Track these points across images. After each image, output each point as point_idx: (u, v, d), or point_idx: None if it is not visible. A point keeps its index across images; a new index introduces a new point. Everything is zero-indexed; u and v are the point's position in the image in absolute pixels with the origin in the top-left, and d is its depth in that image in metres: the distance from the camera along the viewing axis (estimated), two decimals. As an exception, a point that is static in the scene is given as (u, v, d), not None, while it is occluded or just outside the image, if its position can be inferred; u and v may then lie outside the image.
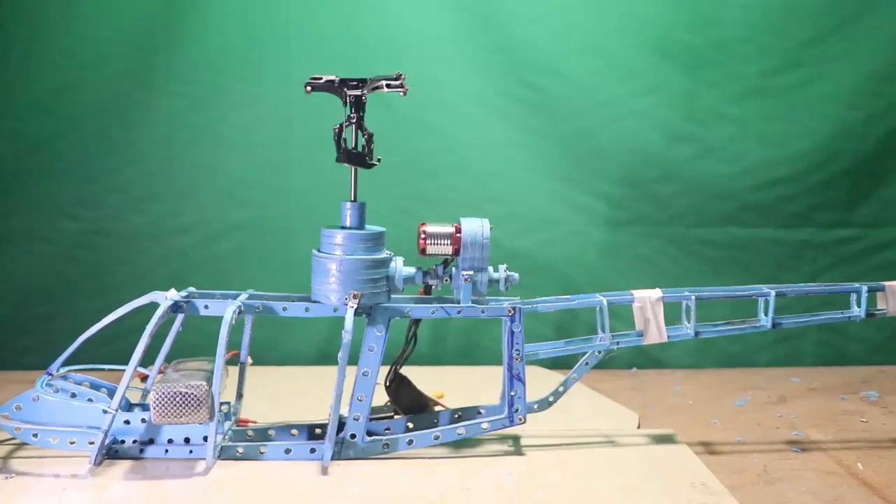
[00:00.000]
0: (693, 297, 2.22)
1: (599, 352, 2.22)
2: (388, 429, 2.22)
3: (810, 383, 2.94)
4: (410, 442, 2.14)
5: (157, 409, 1.96)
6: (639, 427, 2.43)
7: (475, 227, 2.12)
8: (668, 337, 2.23)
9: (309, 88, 2.10)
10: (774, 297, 2.23)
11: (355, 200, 2.13)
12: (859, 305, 2.27)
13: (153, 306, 2.07)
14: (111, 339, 2.41)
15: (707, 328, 2.26)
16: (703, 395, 2.81)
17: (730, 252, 3.15)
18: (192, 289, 2.17)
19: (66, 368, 2.19)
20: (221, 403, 2.12)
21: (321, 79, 2.10)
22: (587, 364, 2.23)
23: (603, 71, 3.06)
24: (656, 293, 2.23)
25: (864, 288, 2.27)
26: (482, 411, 2.26)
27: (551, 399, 2.27)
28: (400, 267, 2.13)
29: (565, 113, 3.06)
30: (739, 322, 2.28)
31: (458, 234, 2.11)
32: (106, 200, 3.01)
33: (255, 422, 2.29)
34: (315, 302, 2.11)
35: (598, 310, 2.20)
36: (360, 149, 2.10)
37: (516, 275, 2.16)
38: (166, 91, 2.97)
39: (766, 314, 2.26)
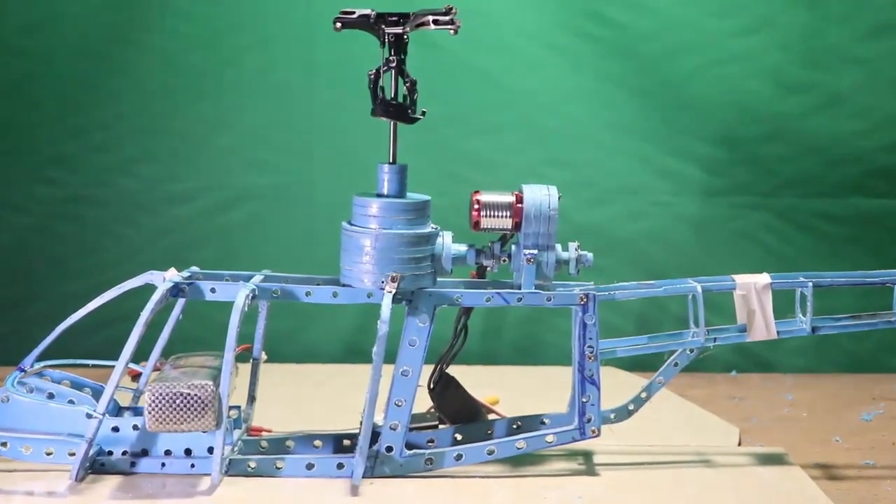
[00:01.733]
0: (809, 284, 2.21)
1: (691, 350, 2.22)
2: (431, 441, 2.23)
3: (959, 393, 3.05)
4: (459, 457, 2.15)
5: (152, 413, 1.97)
6: (739, 444, 2.43)
7: (540, 195, 2.12)
8: (778, 333, 2.22)
9: (339, 25, 2.11)
10: (914, 284, 2.30)
11: (394, 163, 2.14)
12: None
13: (148, 289, 2.08)
14: (97, 328, 2.44)
15: (827, 323, 2.26)
16: (820, 406, 2.80)
17: (855, 228, 3.13)
18: (195, 268, 2.20)
19: (43, 364, 2.21)
20: (230, 408, 2.11)
21: (353, 13, 2.12)
22: (676, 365, 2.24)
23: (697, 2, 3.02)
24: (763, 279, 2.22)
25: None
26: (546, 421, 2.28)
27: (631, 407, 2.28)
28: (448, 244, 2.14)
29: (650, 55, 3.04)
30: (868, 316, 2.28)
31: (519, 205, 2.12)
32: (90, 161, 3.03)
33: (270, 431, 2.31)
34: (345, 286, 2.12)
35: (690, 298, 2.20)
36: (400, 100, 2.11)
37: (590, 255, 2.17)
38: (163, 29, 2.98)
39: (902, 306, 2.35)
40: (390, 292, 2.07)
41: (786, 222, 3.13)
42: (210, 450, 2.10)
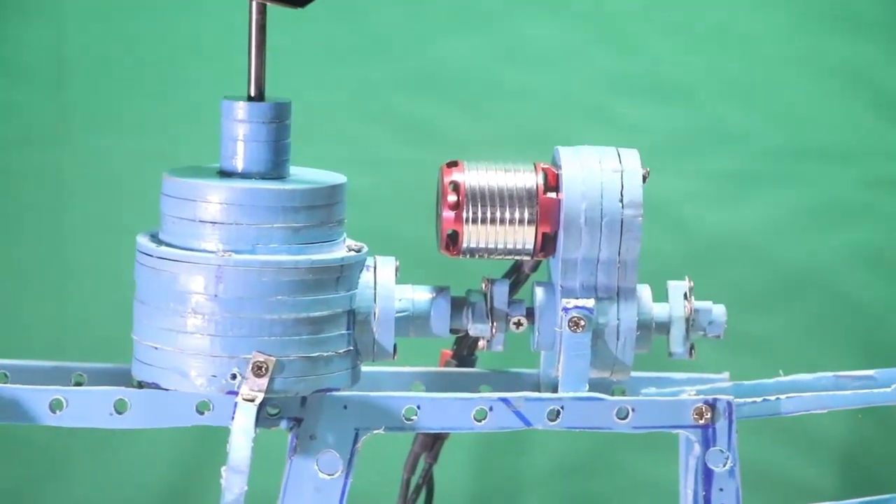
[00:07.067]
0: None
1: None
2: None
3: None
4: None
5: None
6: None
7: (600, 172, 2.22)
8: None
9: None
10: None
11: (260, 98, 2.25)
12: None
13: None
14: None
15: None
16: None
17: None
18: None
19: None
20: None
21: None
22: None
23: None
24: None
25: None
26: None
27: None
28: (388, 286, 2.24)
29: None
30: None
31: (550, 194, 2.23)
32: None
33: None
34: (145, 386, 2.21)
35: (961, 415, 2.29)
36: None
37: (720, 309, 2.28)
38: None
39: None
40: (250, 401, 2.18)
41: None
42: None
